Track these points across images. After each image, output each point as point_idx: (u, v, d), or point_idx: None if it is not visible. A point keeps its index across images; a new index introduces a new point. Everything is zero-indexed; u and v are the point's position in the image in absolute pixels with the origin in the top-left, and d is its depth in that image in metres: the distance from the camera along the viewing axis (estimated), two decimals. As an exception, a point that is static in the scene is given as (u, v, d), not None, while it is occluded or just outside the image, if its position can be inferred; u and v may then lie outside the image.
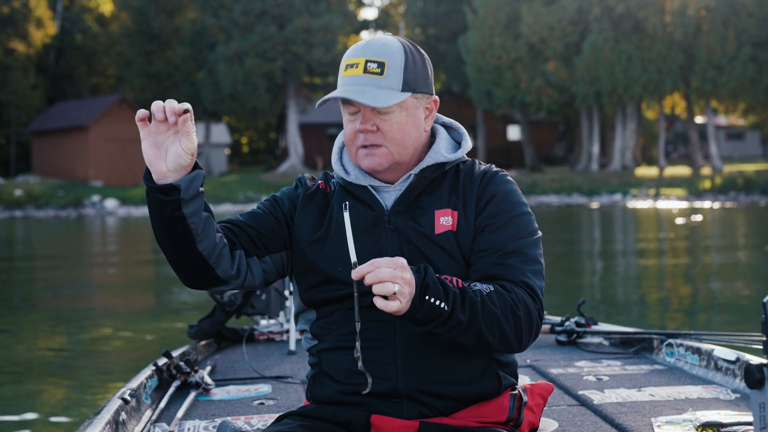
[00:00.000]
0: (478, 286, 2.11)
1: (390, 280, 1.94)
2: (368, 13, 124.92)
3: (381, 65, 2.21)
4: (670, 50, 51.21)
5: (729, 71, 50.29)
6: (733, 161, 62.76)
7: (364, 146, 2.25)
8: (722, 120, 71.88)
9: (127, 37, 57.94)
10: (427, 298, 2.01)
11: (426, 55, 2.31)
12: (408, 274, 1.98)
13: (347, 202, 2.25)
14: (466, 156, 2.35)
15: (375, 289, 1.95)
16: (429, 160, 2.28)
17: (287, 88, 56.39)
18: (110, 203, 47.34)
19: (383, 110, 2.22)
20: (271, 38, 54.44)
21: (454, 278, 2.09)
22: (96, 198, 48.13)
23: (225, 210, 45.73)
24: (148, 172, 2.11)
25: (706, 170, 53.06)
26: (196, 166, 2.13)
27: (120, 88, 61.90)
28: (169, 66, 57.98)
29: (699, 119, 63.23)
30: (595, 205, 43.94)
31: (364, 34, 74.55)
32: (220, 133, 69.35)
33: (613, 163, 54.80)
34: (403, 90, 2.22)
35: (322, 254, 2.28)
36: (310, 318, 2.38)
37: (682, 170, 54.80)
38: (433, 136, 2.36)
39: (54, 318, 10.63)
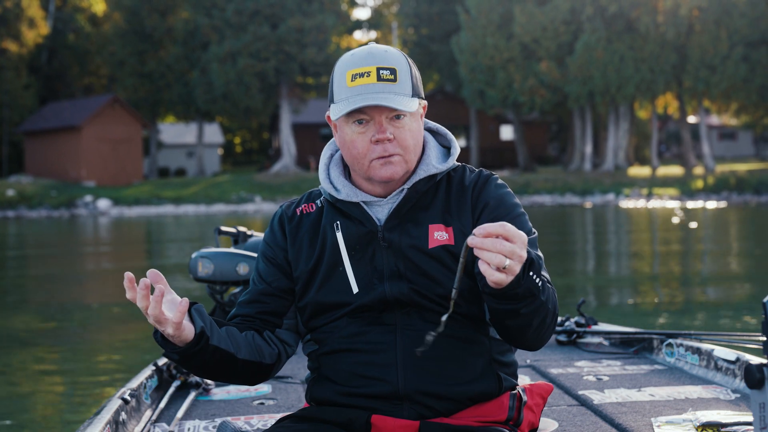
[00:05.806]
0: None
1: (508, 254, 1.85)
2: (361, 13, 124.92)
3: (393, 71, 2.16)
4: (662, 50, 51.29)
5: (721, 71, 50.38)
6: (726, 161, 62.90)
7: (381, 156, 2.17)
8: (715, 120, 72.04)
9: (120, 37, 57.77)
10: (531, 274, 1.94)
11: None
12: (525, 253, 1.89)
13: (338, 222, 2.24)
14: (456, 162, 2.31)
15: (486, 256, 1.85)
16: (421, 173, 2.23)
17: (280, 88, 56.32)
18: (103, 203, 47.23)
19: (398, 117, 2.17)
20: (264, 38, 54.37)
21: None
22: (89, 198, 48.02)
23: (218, 210, 45.67)
24: (165, 343, 2.10)
25: (698, 170, 53.16)
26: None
27: (112, 88, 61.72)
28: (161, 66, 57.85)
29: (691, 119, 63.33)
30: (588, 204, 44.00)
31: (358, 34, 74.61)
32: (213, 133, 69.31)
33: (605, 163, 54.87)
34: (412, 96, 2.19)
35: (318, 284, 2.26)
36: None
37: (675, 170, 54.91)
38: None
39: (52, 317, 10.60)
